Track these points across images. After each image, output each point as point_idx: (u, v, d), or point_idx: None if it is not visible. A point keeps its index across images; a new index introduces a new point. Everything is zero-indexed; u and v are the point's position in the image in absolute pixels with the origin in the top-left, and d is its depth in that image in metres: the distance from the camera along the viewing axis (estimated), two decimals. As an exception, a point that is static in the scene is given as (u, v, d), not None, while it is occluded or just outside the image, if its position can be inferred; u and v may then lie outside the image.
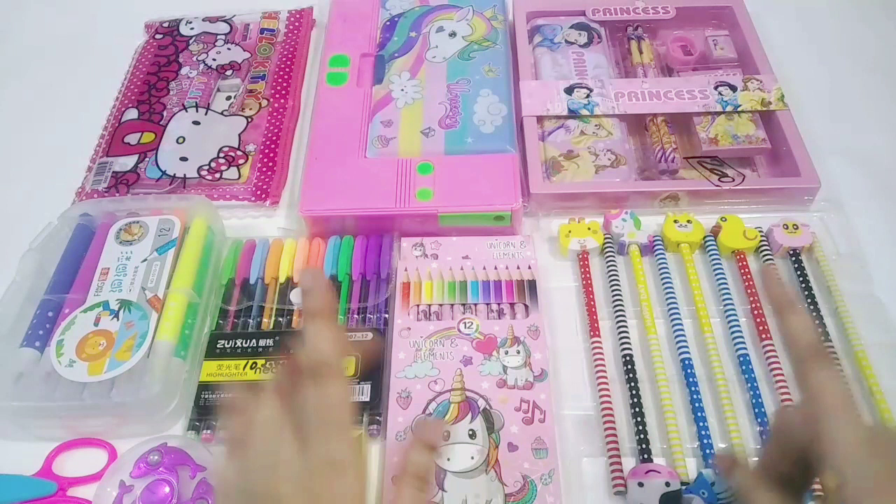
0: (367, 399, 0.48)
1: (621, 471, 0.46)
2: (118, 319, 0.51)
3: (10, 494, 0.47)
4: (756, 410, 0.48)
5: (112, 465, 0.48)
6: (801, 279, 0.55)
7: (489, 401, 0.48)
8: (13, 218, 0.62)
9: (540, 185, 0.59)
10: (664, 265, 0.56)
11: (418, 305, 0.54)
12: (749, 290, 0.54)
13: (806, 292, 0.54)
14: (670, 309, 0.54)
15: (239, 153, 0.65)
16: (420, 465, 0.39)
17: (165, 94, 0.70)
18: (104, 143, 0.67)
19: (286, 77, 0.71)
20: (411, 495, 0.37)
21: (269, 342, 0.51)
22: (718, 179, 0.60)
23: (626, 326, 0.53)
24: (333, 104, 0.65)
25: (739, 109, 0.63)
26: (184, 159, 0.64)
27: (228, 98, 0.70)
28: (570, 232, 0.58)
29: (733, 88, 0.64)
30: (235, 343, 0.51)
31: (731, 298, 0.54)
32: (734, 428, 0.47)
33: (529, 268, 0.55)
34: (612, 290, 0.55)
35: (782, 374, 0.50)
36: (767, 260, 0.56)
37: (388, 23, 0.71)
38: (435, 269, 0.56)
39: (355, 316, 0.54)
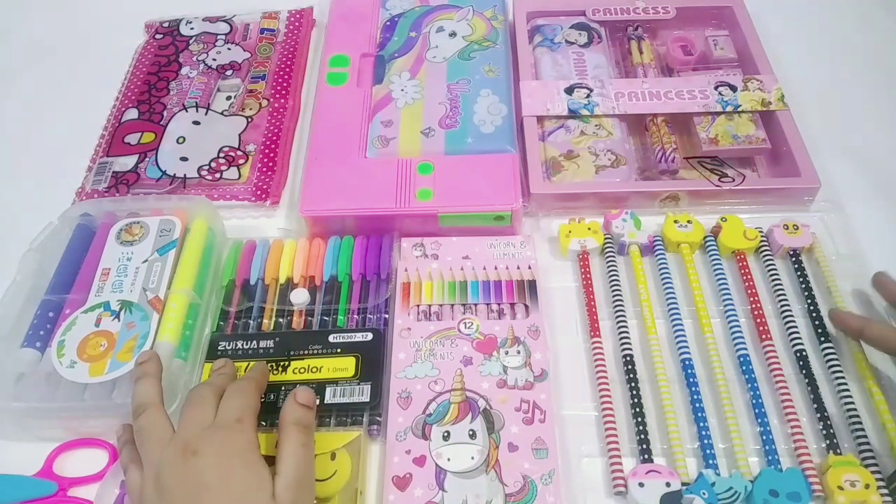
0: (367, 399, 0.48)
1: (622, 471, 0.46)
2: (119, 320, 0.51)
3: (11, 494, 0.47)
4: (756, 410, 0.48)
5: (113, 465, 0.48)
6: (801, 279, 0.55)
7: (489, 401, 0.48)
8: (13, 218, 0.63)
9: (540, 185, 0.59)
10: (664, 265, 0.56)
11: (418, 306, 0.54)
12: (749, 291, 0.54)
13: (806, 292, 0.54)
14: (670, 309, 0.54)
15: (239, 153, 0.65)
16: (300, 417, 0.41)
17: (165, 94, 0.70)
18: (104, 143, 0.67)
19: (286, 77, 0.71)
20: (296, 438, 0.40)
21: (270, 343, 0.52)
22: (718, 179, 0.60)
23: (626, 326, 0.53)
24: (333, 104, 0.65)
25: (739, 109, 0.63)
26: (184, 159, 0.64)
27: (228, 98, 0.70)
28: (570, 232, 0.58)
29: (733, 88, 0.64)
30: (236, 345, 0.51)
31: (731, 298, 0.54)
32: (734, 428, 0.47)
33: (529, 268, 0.55)
34: (613, 291, 0.55)
35: (782, 375, 0.50)
36: (767, 260, 0.56)
37: (388, 23, 0.71)
38: (435, 270, 0.56)
39: (355, 316, 0.54)
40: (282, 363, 0.51)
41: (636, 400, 0.49)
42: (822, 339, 0.52)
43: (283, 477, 0.38)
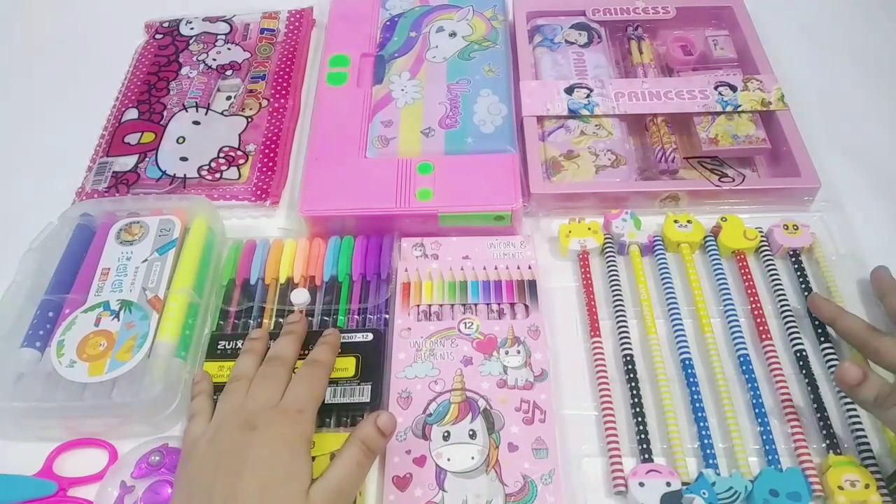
0: (368, 399, 0.48)
1: (622, 471, 0.46)
2: (119, 320, 0.51)
3: (11, 494, 0.47)
4: (756, 410, 0.48)
5: (113, 465, 0.48)
6: (800, 279, 0.55)
7: (489, 401, 0.48)
8: (13, 218, 0.62)
9: (540, 185, 0.59)
10: (664, 265, 0.56)
11: (418, 306, 0.54)
12: (749, 291, 0.54)
13: (806, 293, 0.54)
14: (670, 309, 0.54)
15: (239, 153, 0.65)
16: (370, 438, 0.42)
17: (165, 94, 0.70)
18: (104, 143, 0.67)
19: (286, 77, 0.71)
20: (354, 454, 0.42)
21: (271, 342, 0.51)
22: (718, 179, 0.60)
23: (626, 326, 0.53)
24: (333, 104, 0.65)
25: (739, 109, 0.63)
26: (184, 159, 0.64)
27: (228, 98, 0.70)
28: (570, 232, 0.58)
29: (733, 88, 0.64)
30: (236, 344, 0.51)
31: (731, 298, 0.54)
32: (734, 428, 0.47)
33: (529, 268, 0.55)
34: (613, 291, 0.55)
35: (782, 374, 0.50)
36: (767, 260, 0.56)
37: (388, 23, 0.71)
38: (435, 270, 0.56)
39: (356, 317, 0.54)
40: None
41: (636, 400, 0.49)
42: (822, 339, 0.52)
43: (325, 481, 0.40)
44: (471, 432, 0.47)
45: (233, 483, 0.39)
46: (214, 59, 0.73)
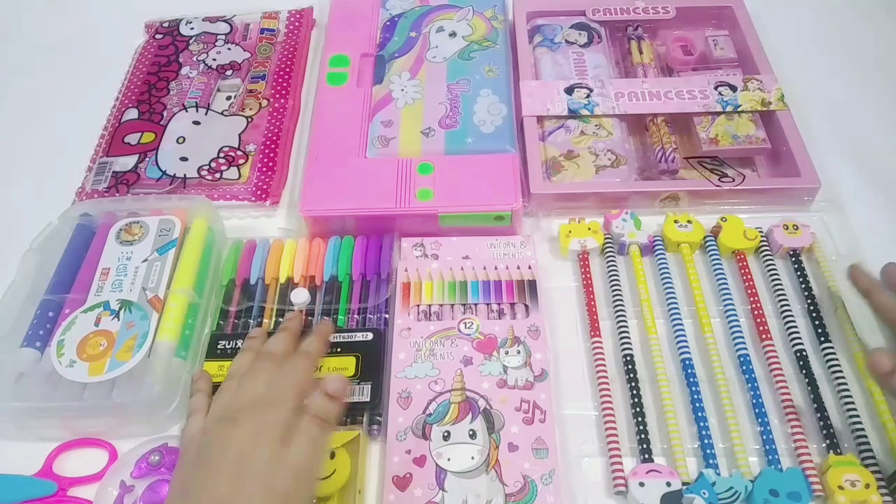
0: (367, 399, 0.48)
1: (622, 471, 0.46)
2: (119, 320, 0.51)
3: (11, 494, 0.47)
4: (756, 410, 0.48)
5: (113, 465, 0.48)
6: (800, 279, 0.55)
7: (489, 401, 0.48)
8: (13, 218, 0.63)
9: (540, 185, 0.59)
10: (664, 265, 0.56)
11: (418, 305, 0.54)
12: (749, 291, 0.54)
13: (806, 293, 0.54)
14: (670, 309, 0.54)
15: (239, 153, 0.65)
16: (322, 409, 0.42)
17: (165, 94, 0.70)
18: (104, 143, 0.67)
19: (286, 77, 0.71)
20: (308, 430, 0.41)
21: (270, 342, 0.51)
22: (718, 179, 0.60)
23: (626, 326, 0.53)
24: (333, 104, 0.65)
25: (739, 109, 0.63)
26: (184, 159, 0.64)
27: (228, 98, 0.70)
28: (570, 232, 0.58)
29: (733, 88, 0.64)
30: (236, 344, 0.51)
31: (731, 298, 0.54)
32: (734, 428, 0.47)
33: (529, 268, 0.55)
34: (613, 291, 0.55)
35: (782, 374, 0.50)
36: (767, 260, 0.56)
37: (388, 23, 0.71)
38: (435, 270, 0.56)
39: (356, 316, 0.54)
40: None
41: (636, 400, 0.49)
42: (822, 339, 0.52)
43: (285, 466, 0.40)
44: (471, 432, 0.47)
45: (208, 477, 0.39)
46: (214, 59, 0.73)
